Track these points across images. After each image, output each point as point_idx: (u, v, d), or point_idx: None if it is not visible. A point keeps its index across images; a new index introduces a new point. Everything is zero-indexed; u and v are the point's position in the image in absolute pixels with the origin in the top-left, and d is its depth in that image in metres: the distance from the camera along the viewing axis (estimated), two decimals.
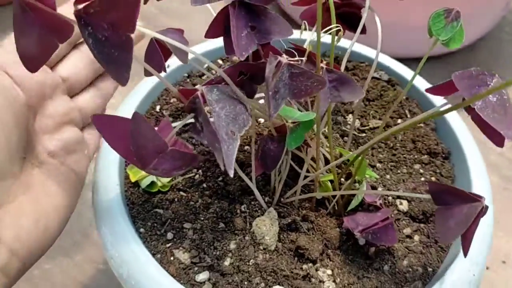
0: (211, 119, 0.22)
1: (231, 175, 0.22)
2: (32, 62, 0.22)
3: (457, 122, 0.38)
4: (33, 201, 0.28)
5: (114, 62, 0.20)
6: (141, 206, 0.32)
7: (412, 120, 0.25)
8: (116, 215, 0.31)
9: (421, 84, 0.40)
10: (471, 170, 0.35)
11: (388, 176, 0.35)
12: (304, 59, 0.24)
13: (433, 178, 0.36)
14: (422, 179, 0.36)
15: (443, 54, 0.66)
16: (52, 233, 0.29)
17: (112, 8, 0.19)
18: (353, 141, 0.37)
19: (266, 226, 0.31)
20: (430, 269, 0.31)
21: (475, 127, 0.24)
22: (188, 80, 0.41)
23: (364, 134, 0.37)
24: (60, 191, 0.30)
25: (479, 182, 0.34)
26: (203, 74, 0.41)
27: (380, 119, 0.39)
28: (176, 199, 0.32)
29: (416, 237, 0.33)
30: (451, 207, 0.26)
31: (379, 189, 0.34)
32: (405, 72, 0.41)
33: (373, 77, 0.41)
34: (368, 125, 0.38)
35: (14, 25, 0.21)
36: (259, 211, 0.32)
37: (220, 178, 0.34)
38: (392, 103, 0.39)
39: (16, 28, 0.21)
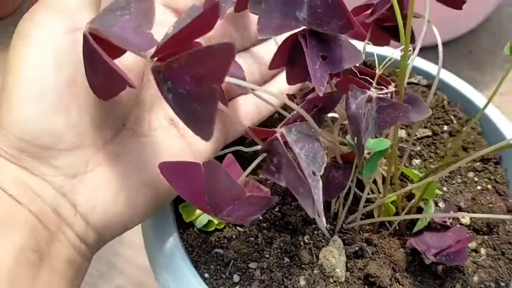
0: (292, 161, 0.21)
1: (324, 223, 0.21)
2: (101, 92, 0.20)
3: (505, 125, 0.37)
4: (119, 173, 0.26)
5: (197, 116, 0.18)
6: (200, 248, 0.30)
7: (480, 152, 0.24)
8: (177, 260, 0.29)
9: (463, 87, 0.39)
10: None
11: (445, 188, 0.34)
12: (391, 89, 0.23)
13: (489, 186, 0.35)
14: (479, 187, 0.35)
15: (445, 41, 0.65)
16: (137, 210, 0.26)
17: (202, 62, 0.17)
18: (400, 152, 0.36)
19: (335, 258, 0.29)
20: (502, 284, 0.31)
21: None
22: None
23: (418, 148, 0.36)
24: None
25: None
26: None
27: (425, 127, 0.37)
28: (234, 236, 0.31)
29: (483, 251, 0.32)
30: None
31: (440, 204, 0.33)
32: (445, 75, 0.40)
33: (411, 83, 0.40)
34: (416, 135, 0.37)
35: (83, 56, 0.20)
36: (323, 240, 0.31)
37: (277, 209, 0.32)
38: (435, 109, 0.38)
39: (86, 62, 0.20)
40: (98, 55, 0.19)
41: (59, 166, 0.24)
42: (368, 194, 0.31)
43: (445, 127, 0.38)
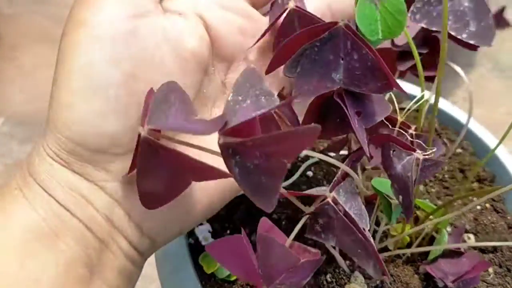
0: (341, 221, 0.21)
1: (389, 280, 0.21)
2: (153, 201, 0.20)
3: (491, 140, 0.39)
4: None
5: (260, 189, 0.18)
6: None
7: (498, 191, 0.25)
8: None
9: (450, 109, 0.41)
10: None
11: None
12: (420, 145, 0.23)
13: (487, 205, 0.37)
14: (478, 207, 0.37)
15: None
16: (194, 212, 0.24)
17: (281, 142, 0.16)
18: None
19: None
20: None
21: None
22: None
23: None
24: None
25: None
26: None
27: None
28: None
29: (490, 269, 0.34)
30: None
31: (448, 228, 0.34)
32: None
33: (402, 108, 0.41)
34: None
35: (138, 164, 0.19)
36: (344, 278, 0.31)
37: None
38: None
39: (141, 168, 0.18)
40: (165, 152, 0.18)
41: (114, 171, 0.22)
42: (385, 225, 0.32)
43: (441, 151, 0.39)
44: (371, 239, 0.21)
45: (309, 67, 0.22)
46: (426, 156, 0.22)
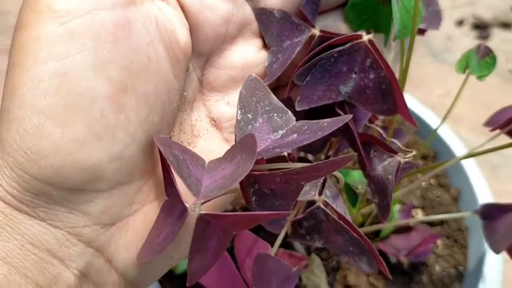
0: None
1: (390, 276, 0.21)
2: (200, 272, 0.17)
3: (433, 119, 0.40)
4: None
5: (272, 209, 0.17)
6: None
7: (441, 167, 0.26)
8: None
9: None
10: (464, 165, 0.38)
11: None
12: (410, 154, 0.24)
13: (432, 181, 0.38)
14: (424, 183, 0.38)
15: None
16: (186, 246, 0.19)
17: (311, 172, 0.16)
18: None
19: (317, 276, 0.30)
20: (461, 268, 0.34)
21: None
22: None
23: None
24: None
25: (474, 174, 0.38)
26: None
27: None
28: None
29: (439, 241, 0.35)
30: (496, 219, 0.28)
31: (397, 205, 0.36)
32: None
33: None
34: None
35: (192, 245, 0.16)
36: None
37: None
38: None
39: (195, 246, 0.16)
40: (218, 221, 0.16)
41: (94, 212, 0.17)
42: None
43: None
44: (365, 237, 0.21)
45: (319, 77, 0.21)
46: (408, 159, 0.22)
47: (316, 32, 0.21)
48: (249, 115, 0.18)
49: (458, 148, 0.38)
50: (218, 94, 0.21)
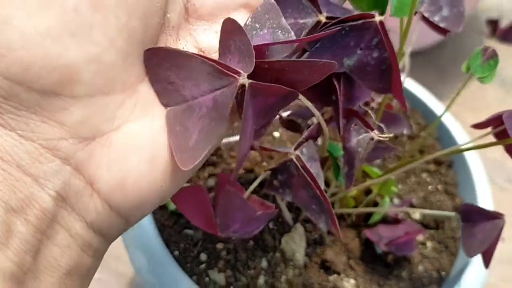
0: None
1: (340, 236, 0.23)
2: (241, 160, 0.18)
3: (459, 132, 0.40)
4: (156, 127, 0.18)
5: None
6: (172, 228, 0.32)
7: (431, 156, 0.27)
8: (150, 239, 0.31)
9: (424, 95, 0.42)
10: (474, 177, 0.38)
11: (400, 186, 0.38)
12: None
13: (439, 186, 0.38)
14: (430, 187, 0.38)
15: (413, 51, 0.68)
16: (177, 177, 0.19)
17: (295, 71, 0.18)
18: None
19: (296, 243, 0.32)
20: (443, 273, 0.34)
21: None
22: None
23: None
24: None
25: (482, 187, 0.37)
26: None
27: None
28: None
29: (429, 244, 0.35)
30: (476, 224, 0.28)
31: (395, 200, 0.36)
32: (409, 83, 0.43)
33: None
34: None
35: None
36: (286, 227, 0.33)
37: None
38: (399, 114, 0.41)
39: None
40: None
41: (70, 122, 0.16)
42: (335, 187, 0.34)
43: (405, 131, 0.41)
44: (326, 196, 0.23)
45: (327, 46, 0.22)
46: (381, 138, 0.23)
47: (322, 18, 0.22)
48: (257, 25, 0.20)
49: (471, 157, 0.38)
50: (206, 23, 0.21)
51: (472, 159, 0.38)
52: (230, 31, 0.18)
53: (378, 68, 0.22)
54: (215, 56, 0.20)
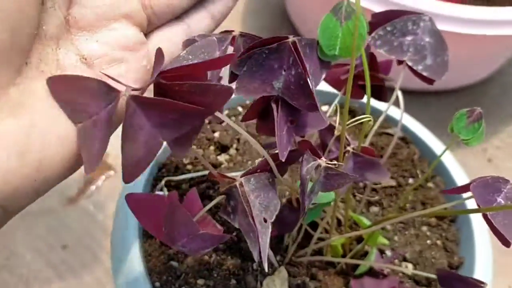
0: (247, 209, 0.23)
1: (266, 269, 0.23)
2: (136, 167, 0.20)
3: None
4: (25, 125, 0.20)
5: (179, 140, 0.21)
6: (158, 259, 0.33)
7: (433, 209, 0.26)
8: (133, 266, 0.32)
9: (435, 144, 0.41)
10: (475, 236, 0.36)
11: (396, 238, 0.37)
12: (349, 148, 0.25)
13: (438, 242, 0.37)
14: (429, 241, 0.37)
15: (451, 89, 0.66)
16: (51, 171, 0.21)
17: (201, 93, 0.20)
18: (366, 201, 0.38)
19: (276, 287, 0.32)
20: None
21: None
22: (208, 126, 0.42)
23: (377, 197, 0.39)
24: None
25: (483, 248, 0.36)
26: (222, 121, 0.42)
27: (392, 177, 0.40)
28: None
29: None
30: None
31: (387, 252, 0.35)
32: (420, 130, 0.42)
33: (387, 133, 0.42)
34: (381, 184, 0.39)
35: (124, 126, 0.20)
36: (270, 269, 0.33)
37: (235, 233, 0.35)
38: (405, 162, 0.41)
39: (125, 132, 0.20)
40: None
41: None
42: (321, 233, 0.34)
43: (410, 180, 0.40)
44: (263, 228, 0.23)
45: (255, 70, 0.24)
46: (329, 165, 0.24)
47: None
48: (190, 57, 0.21)
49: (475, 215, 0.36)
50: (87, 34, 0.23)
51: (476, 216, 0.37)
52: None
53: (298, 85, 0.23)
54: (98, 62, 0.22)
